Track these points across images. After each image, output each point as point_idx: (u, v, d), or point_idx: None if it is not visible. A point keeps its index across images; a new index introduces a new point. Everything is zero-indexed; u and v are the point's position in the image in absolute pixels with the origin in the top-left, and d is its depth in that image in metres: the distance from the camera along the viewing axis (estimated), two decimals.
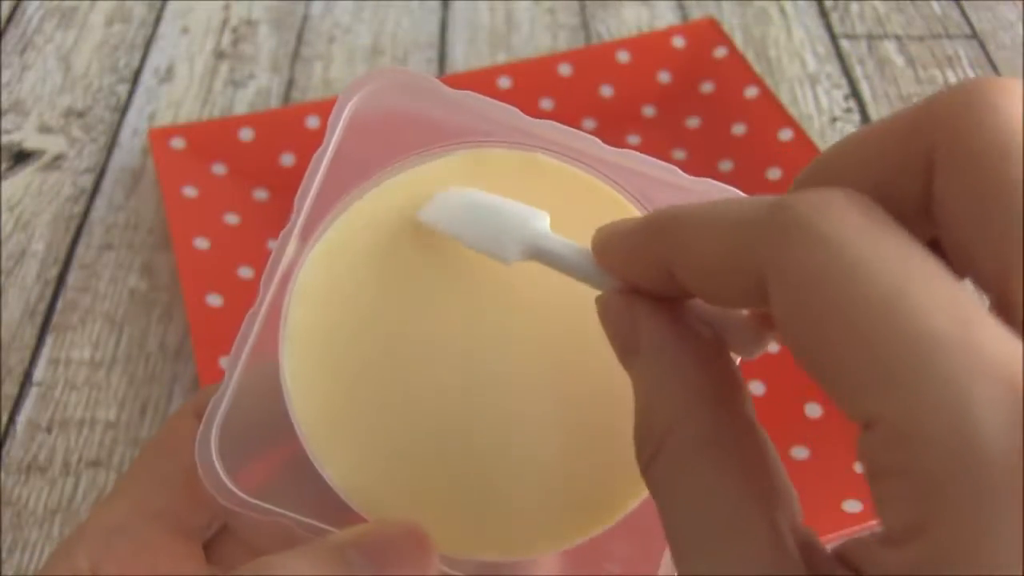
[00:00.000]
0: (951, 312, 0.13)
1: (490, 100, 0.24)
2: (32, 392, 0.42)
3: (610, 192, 0.24)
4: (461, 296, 0.23)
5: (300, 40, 0.60)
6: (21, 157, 0.53)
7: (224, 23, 0.61)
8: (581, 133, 0.24)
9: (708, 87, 0.54)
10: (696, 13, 0.61)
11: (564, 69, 0.54)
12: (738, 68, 0.54)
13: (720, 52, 0.55)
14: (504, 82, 0.53)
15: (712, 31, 0.56)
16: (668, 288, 0.18)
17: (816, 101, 0.56)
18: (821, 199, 0.15)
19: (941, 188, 0.15)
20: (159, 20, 0.61)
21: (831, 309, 0.14)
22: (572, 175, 0.24)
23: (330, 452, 0.23)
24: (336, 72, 0.58)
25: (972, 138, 0.14)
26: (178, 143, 0.50)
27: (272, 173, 0.49)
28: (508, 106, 0.24)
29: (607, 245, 0.19)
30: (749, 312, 0.18)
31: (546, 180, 0.24)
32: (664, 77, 0.55)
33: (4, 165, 0.52)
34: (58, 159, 0.53)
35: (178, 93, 0.56)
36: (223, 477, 0.22)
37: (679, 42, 0.55)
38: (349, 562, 0.21)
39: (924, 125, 0.15)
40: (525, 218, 0.22)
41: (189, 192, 0.47)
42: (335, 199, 0.23)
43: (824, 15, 0.62)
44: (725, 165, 0.51)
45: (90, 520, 0.24)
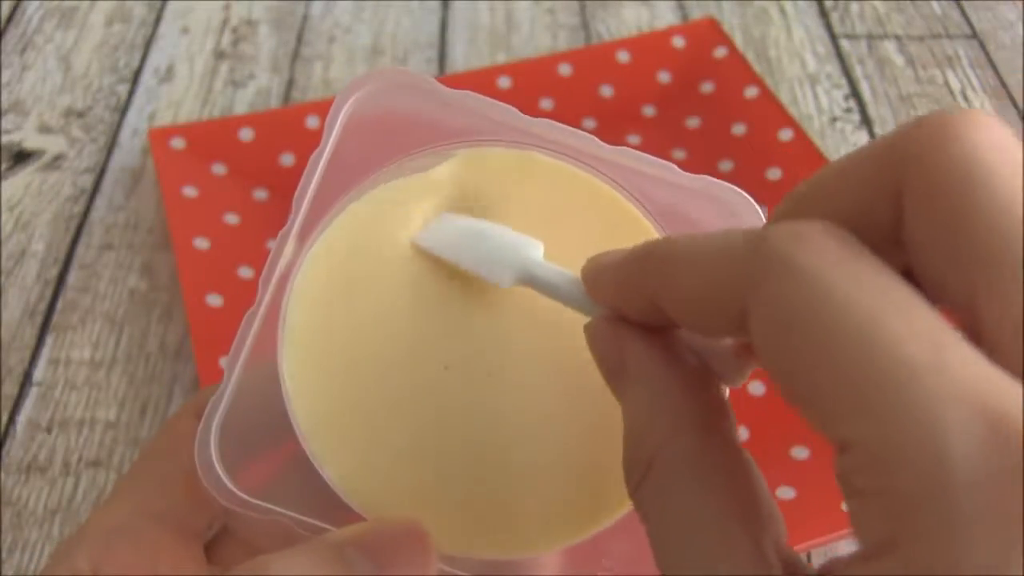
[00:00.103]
0: (924, 339, 0.13)
1: (487, 99, 0.24)
2: (32, 392, 0.42)
3: (607, 190, 0.24)
4: (460, 296, 0.23)
5: (300, 40, 0.60)
6: (21, 157, 0.53)
7: (224, 23, 0.61)
8: (579, 131, 0.24)
9: (708, 87, 0.54)
10: (696, 13, 0.61)
11: (564, 69, 0.54)
12: (738, 68, 0.54)
13: (720, 52, 0.55)
14: (504, 82, 0.53)
15: (712, 31, 0.56)
16: (656, 318, 0.18)
17: (816, 101, 0.56)
18: (798, 232, 0.15)
19: (911, 218, 0.15)
20: (159, 20, 0.61)
21: (808, 339, 0.14)
22: (570, 173, 0.24)
23: (329, 452, 0.23)
24: (336, 72, 0.58)
25: (936, 169, 0.15)
26: (178, 143, 0.50)
27: (272, 173, 0.49)
28: (505, 105, 0.24)
29: (596, 277, 0.20)
30: (734, 342, 0.19)
31: (544, 178, 0.24)
32: (664, 77, 0.55)
33: (4, 165, 0.52)
34: (58, 159, 0.53)
35: (178, 93, 0.56)
36: (223, 477, 0.22)
37: (679, 42, 0.55)
38: (348, 560, 0.21)
39: (892, 157, 0.15)
40: (519, 246, 0.22)
41: (189, 192, 0.47)
42: (333, 199, 0.23)
43: (824, 15, 0.62)
44: (725, 165, 0.51)
45: (90, 521, 0.24)
